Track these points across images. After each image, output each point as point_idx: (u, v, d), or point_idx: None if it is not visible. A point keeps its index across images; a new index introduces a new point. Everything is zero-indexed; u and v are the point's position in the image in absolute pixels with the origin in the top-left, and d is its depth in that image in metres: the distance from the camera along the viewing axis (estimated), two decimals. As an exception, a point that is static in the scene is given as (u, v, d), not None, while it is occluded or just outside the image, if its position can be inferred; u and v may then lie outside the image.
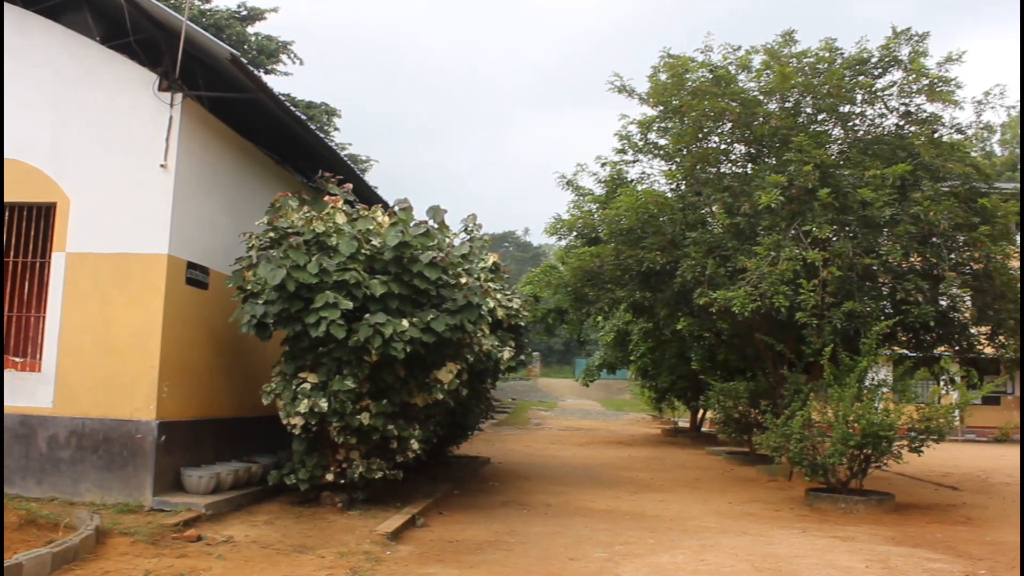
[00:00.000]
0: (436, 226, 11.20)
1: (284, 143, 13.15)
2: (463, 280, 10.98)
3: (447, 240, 11.62)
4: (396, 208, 11.17)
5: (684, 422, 34.56)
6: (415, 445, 10.74)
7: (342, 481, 10.63)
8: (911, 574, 8.67)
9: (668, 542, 9.92)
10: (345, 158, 14.95)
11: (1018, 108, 15.57)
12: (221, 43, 10.18)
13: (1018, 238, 15.93)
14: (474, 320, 10.72)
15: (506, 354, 13.64)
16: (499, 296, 13.59)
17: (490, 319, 11.84)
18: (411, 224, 10.79)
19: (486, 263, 13.47)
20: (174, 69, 10.19)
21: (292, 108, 11.89)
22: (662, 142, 16.97)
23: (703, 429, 30.45)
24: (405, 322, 10.02)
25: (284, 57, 35.16)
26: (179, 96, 10.27)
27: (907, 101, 15.38)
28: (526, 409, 41.95)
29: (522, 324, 15.17)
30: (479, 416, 15.71)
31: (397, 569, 8.05)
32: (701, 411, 30.13)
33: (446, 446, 15.79)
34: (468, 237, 13.87)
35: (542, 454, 21.37)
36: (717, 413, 21.34)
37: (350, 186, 11.75)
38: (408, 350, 10.01)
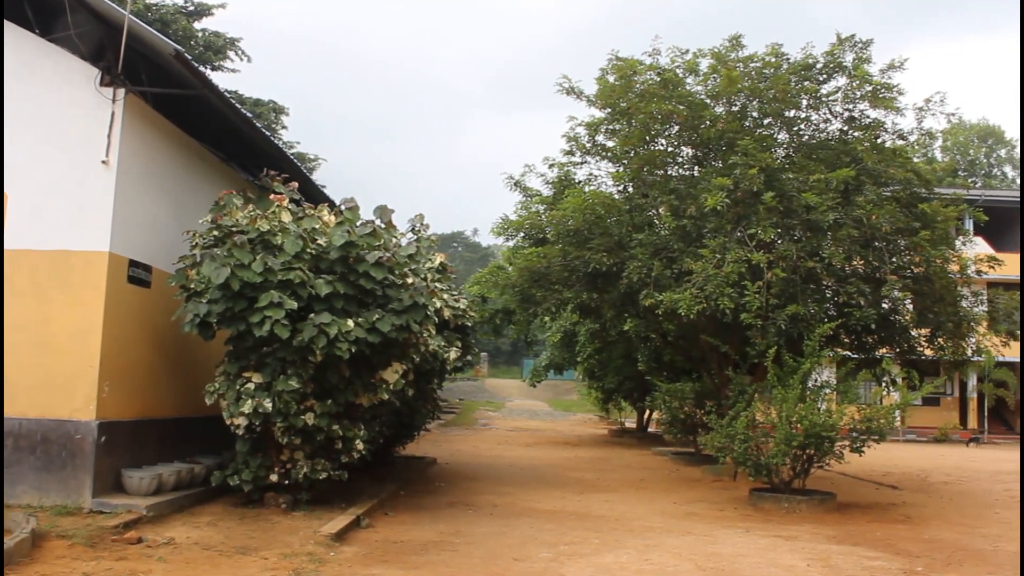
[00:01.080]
0: (383, 226, 11.14)
1: (230, 141, 12.99)
2: (409, 280, 10.93)
3: (394, 240, 11.57)
4: (343, 207, 11.11)
5: (631, 423, 34.76)
6: (360, 445, 10.68)
7: (286, 482, 10.53)
8: (851, 572, 8.82)
9: (613, 542, 9.97)
10: (292, 156, 14.84)
11: (958, 115, 15.84)
12: (165, 38, 10.02)
13: (957, 242, 16.24)
14: (420, 320, 10.68)
15: (452, 354, 13.62)
16: (446, 296, 13.55)
17: (436, 319, 11.80)
18: (357, 223, 10.73)
19: (433, 263, 13.42)
20: (116, 64, 10.00)
21: (238, 105, 11.76)
22: (610, 144, 17.08)
23: (649, 430, 30.67)
24: (350, 322, 9.96)
25: (232, 54, 34.77)
26: (121, 92, 10.08)
27: (851, 107, 15.64)
28: (473, 410, 41.90)
29: (469, 324, 15.15)
30: (426, 416, 15.66)
31: (341, 570, 8.00)
32: (647, 412, 30.36)
33: (392, 446, 15.73)
34: (415, 237, 13.80)
35: (489, 454, 21.37)
36: (663, 414, 21.54)
37: (296, 184, 11.65)
38: (353, 350, 9.96)
